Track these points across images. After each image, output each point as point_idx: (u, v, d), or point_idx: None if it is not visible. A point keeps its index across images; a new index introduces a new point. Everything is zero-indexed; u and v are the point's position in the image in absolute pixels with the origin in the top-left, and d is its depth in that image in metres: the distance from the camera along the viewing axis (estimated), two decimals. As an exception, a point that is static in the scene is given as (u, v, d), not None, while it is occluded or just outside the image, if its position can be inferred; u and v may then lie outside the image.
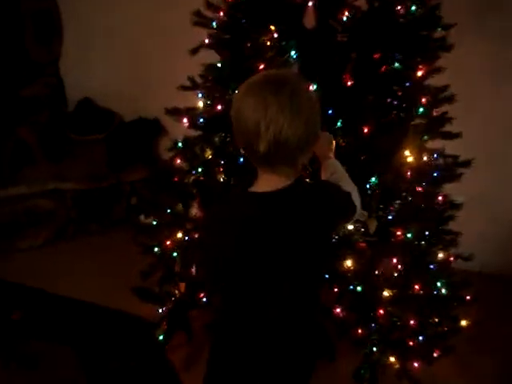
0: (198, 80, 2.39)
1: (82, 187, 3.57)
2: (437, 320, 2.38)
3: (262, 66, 2.00)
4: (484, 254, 2.76)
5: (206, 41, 2.29)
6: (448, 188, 2.35)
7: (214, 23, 2.25)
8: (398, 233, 2.10)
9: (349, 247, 2.08)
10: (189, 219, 2.40)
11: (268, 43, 2.01)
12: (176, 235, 2.46)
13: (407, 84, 2.02)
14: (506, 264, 3.27)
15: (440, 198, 2.34)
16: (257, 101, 1.26)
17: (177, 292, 2.45)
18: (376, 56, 1.96)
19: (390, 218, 2.10)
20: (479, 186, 2.85)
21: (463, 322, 2.46)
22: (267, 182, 1.36)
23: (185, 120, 2.38)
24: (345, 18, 1.87)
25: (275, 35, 1.94)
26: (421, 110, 2.07)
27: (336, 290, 2.16)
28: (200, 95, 2.24)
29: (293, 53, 1.94)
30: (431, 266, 2.31)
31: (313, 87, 1.92)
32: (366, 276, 2.12)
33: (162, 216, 2.59)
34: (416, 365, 2.29)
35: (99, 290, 3.17)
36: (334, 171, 1.64)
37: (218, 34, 2.26)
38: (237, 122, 1.32)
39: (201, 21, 2.26)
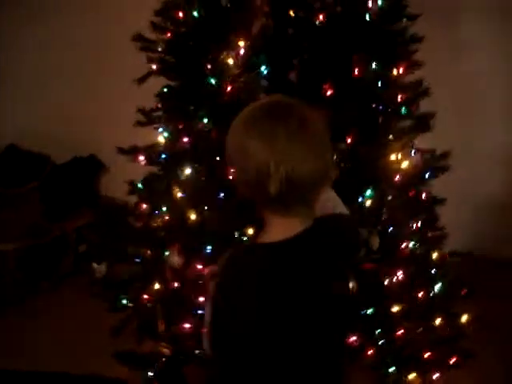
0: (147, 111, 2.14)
1: (24, 245, 3.18)
2: (439, 321, 2.25)
3: (229, 88, 1.77)
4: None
5: (154, 67, 2.03)
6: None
7: (160, 47, 2.00)
8: (403, 245, 1.94)
9: (353, 270, 1.89)
10: (163, 268, 2.13)
11: (230, 60, 1.79)
12: (152, 287, 2.19)
13: (388, 84, 1.86)
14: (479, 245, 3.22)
15: (423, 195, 2.22)
16: (261, 136, 1.08)
17: (165, 350, 2.17)
18: (353, 59, 1.79)
19: (391, 229, 1.95)
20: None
21: (464, 318, 2.34)
22: (281, 228, 1.15)
23: (142, 158, 2.12)
24: (317, 22, 1.67)
25: (241, 51, 1.71)
26: (403, 109, 1.93)
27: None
28: (161, 129, 1.97)
29: (263, 68, 1.73)
30: (432, 271, 2.18)
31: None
32: (375, 296, 1.95)
33: (128, 266, 2.32)
34: (436, 375, 2.15)
35: (63, 356, 2.84)
36: (328, 198, 1.46)
37: (167, 57, 2.01)
38: (239, 163, 1.14)
39: (146, 45, 2.01)
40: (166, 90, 2.08)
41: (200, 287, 1.93)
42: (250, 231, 1.78)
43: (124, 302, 2.32)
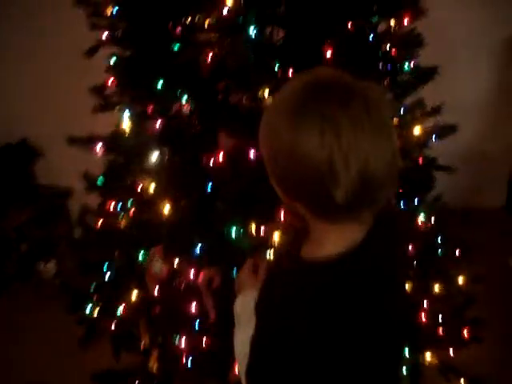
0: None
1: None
2: (438, 288, 2.08)
3: (210, 55, 1.44)
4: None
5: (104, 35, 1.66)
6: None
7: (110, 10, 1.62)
8: (419, 220, 1.73)
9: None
10: (140, 273, 1.81)
11: (205, 21, 1.45)
12: (129, 296, 1.87)
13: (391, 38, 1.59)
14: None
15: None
16: (319, 124, 0.81)
17: (153, 367, 1.88)
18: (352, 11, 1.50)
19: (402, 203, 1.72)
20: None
21: (460, 280, 2.19)
22: (337, 237, 0.94)
23: (99, 147, 1.76)
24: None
25: (225, 11, 1.37)
26: (406, 65, 1.67)
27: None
28: (127, 112, 1.61)
29: (251, 28, 1.41)
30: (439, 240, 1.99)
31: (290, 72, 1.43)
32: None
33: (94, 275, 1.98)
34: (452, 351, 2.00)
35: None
36: None
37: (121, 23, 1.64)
38: (287, 166, 0.87)
39: (91, 10, 1.62)
40: (114, 60, 1.72)
41: (192, 295, 1.65)
42: (253, 227, 1.50)
43: (89, 310, 2.00)
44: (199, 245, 1.61)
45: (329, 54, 1.45)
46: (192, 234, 1.61)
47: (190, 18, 1.46)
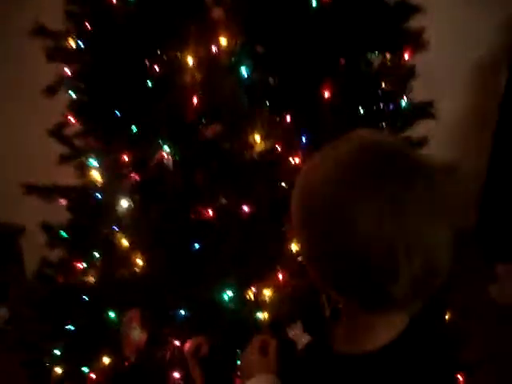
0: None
1: None
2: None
3: (195, 100, 1.26)
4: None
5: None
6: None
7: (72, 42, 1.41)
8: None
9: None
10: (114, 338, 1.59)
11: (188, 60, 1.26)
12: (100, 362, 1.64)
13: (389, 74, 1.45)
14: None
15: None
16: (380, 206, 0.67)
17: None
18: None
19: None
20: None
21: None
22: (384, 329, 0.80)
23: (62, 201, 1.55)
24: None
25: (213, 49, 1.19)
26: (404, 102, 1.53)
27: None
28: (94, 162, 1.39)
29: (243, 69, 1.23)
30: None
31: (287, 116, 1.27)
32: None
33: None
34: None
35: None
36: None
37: (86, 57, 1.42)
38: (334, 248, 0.71)
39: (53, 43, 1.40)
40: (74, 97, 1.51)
41: (176, 364, 1.45)
42: (250, 294, 1.32)
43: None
44: (182, 310, 1.42)
45: (327, 94, 1.31)
46: (174, 297, 1.42)
47: (169, 55, 1.27)
